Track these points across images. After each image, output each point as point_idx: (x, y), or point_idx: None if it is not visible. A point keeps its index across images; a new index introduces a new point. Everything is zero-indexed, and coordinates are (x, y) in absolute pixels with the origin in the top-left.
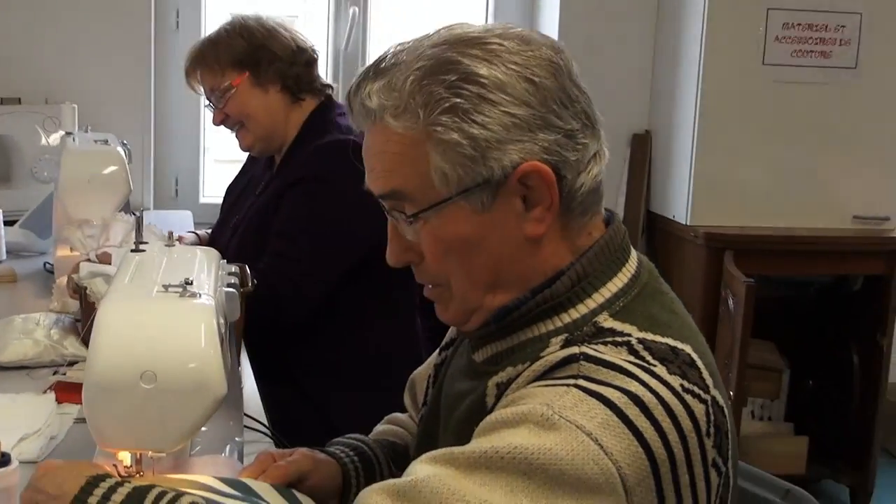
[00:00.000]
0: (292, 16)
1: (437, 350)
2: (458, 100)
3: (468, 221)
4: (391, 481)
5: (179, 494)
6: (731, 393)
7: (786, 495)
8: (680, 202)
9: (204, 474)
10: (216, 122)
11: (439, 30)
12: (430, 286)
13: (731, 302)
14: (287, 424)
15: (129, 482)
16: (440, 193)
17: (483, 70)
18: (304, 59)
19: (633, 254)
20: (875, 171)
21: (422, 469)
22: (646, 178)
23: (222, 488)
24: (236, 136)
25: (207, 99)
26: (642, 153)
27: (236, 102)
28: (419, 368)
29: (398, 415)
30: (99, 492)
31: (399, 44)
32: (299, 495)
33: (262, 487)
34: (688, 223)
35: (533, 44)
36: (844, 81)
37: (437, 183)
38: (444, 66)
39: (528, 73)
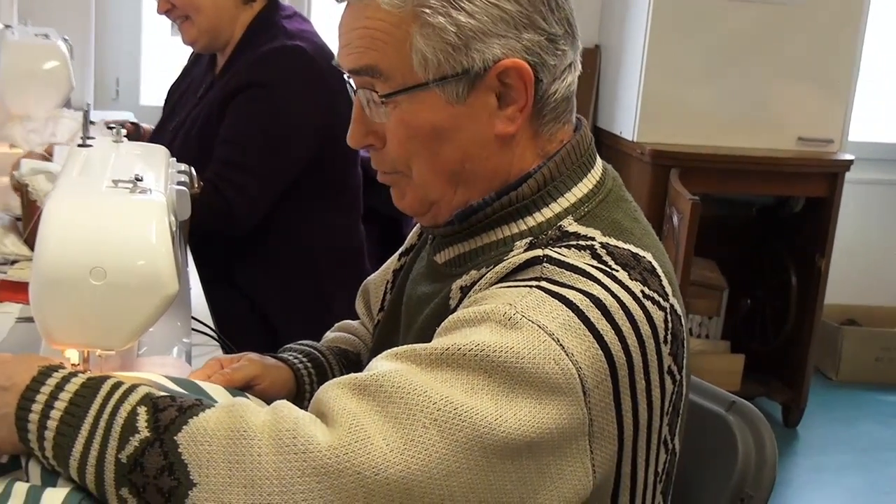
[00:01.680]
0: None
1: (396, 255)
2: None
3: (440, 111)
4: (352, 375)
5: (135, 385)
6: None
7: (730, 407)
8: (627, 119)
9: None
10: (161, 11)
11: None
12: (385, 172)
13: (675, 219)
14: (229, 326)
15: (84, 373)
16: (417, 77)
17: None
18: None
19: (599, 161)
20: (821, 93)
21: (383, 365)
22: (594, 94)
23: (172, 387)
24: (179, 29)
25: None
26: (591, 68)
27: None
28: (373, 275)
29: (350, 322)
30: (52, 381)
31: None
32: (252, 398)
33: (212, 388)
34: (634, 140)
35: None
36: (795, 3)
37: (416, 66)
38: None
39: None
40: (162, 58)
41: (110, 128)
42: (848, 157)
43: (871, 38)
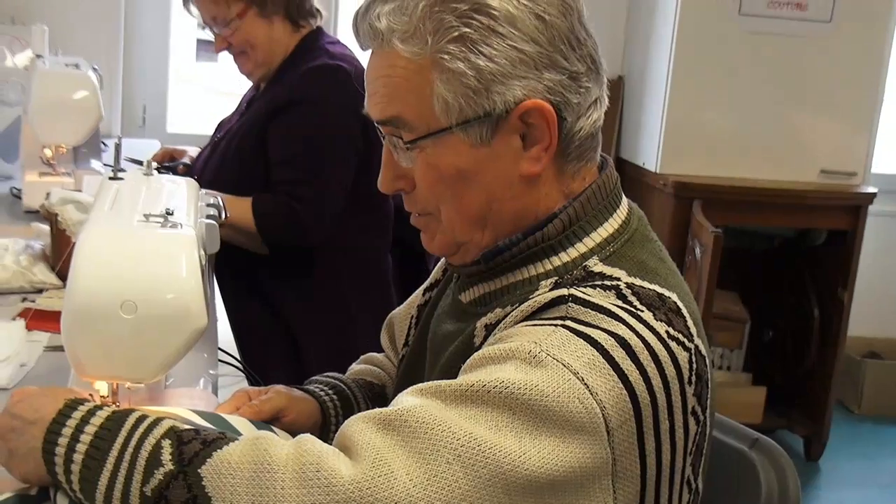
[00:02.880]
0: None
1: (421, 290)
2: (468, 29)
3: (465, 154)
4: (377, 410)
5: (159, 418)
6: None
7: (753, 444)
8: (650, 150)
9: (181, 406)
10: (218, 50)
11: None
12: (418, 214)
13: (697, 251)
14: (254, 341)
15: (108, 406)
16: (440, 122)
17: (495, 2)
18: None
19: (625, 200)
20: (844, 126)
21: (408, 400)
22: (617, 125)
23: (197, 420)
24: (236, 61)
25: (207, 26)
26: (614, 99)
27: (242, 33)
28: (398, 309)
29: (375, 355)
30: (77, 415)
31: None
32: (278, 431)
33: (238, 421)
34: (657, 171)
35: None
36: (818, 34)
37: (438, 112)
38: None
39: (539, 9)
40: (189, 86)
41: (164, 169)
42: (871, 189)
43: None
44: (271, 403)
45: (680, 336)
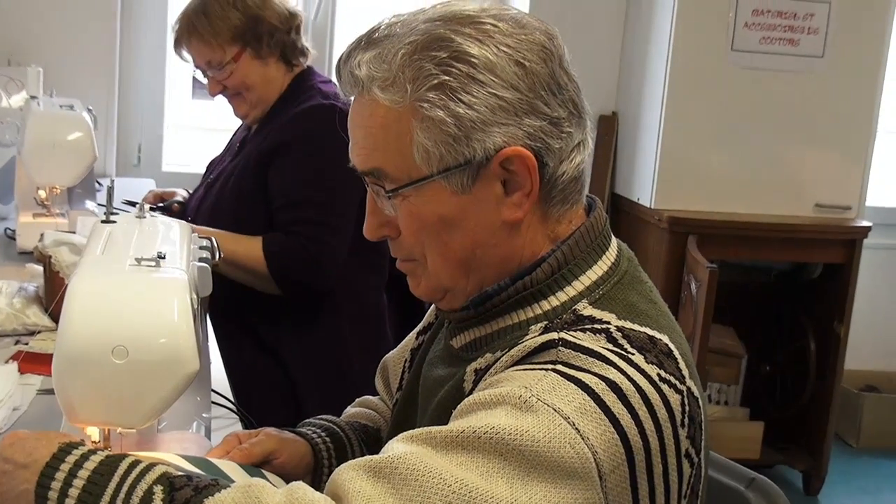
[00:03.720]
0: None
1: (414, 334)
2: (447, 77)
3: (447, 201)
4: (367, 458)
5: (152, 464)
6: None
7: (750, 483)
8: (645, 185)
9: (172, 450)
10: (213, 93)
11: (435, 5)
12: (404, 260)
13: (693, 286)
14: (249, 382)
15: (102, 451)
16: (421, 171)
17: (474, 50)
18: (295, 24)
19: (614, 241)
20: (838, 160)
21: (399, 447)
22: (611, 160)
23: (188, 466)
24: (231, 104)
25: (200, 70)
26: (609, 135)
27: (238, 76)
28: (392, 353)
29: (370, 398)
30: (72, 459)
31: (394, 15)
32: (268, 474)
33: (228, 466)
34: (652, 206)
35: (527, 27)
36: (812, 70)
37: (419, 160)
38: (435, 42)
39: (519, 56)
40: (185, 124)
41: (155, 208)
42: (865, 223)
43: (888, 103)
44: (261, 447)
45: (671, 378)
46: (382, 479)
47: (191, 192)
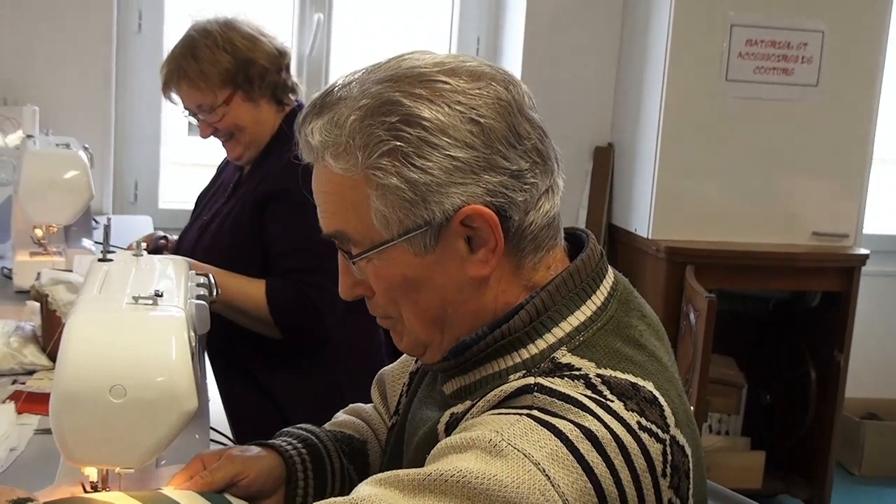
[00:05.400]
0: None
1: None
2: (399, 143)
3: (411, 263)
4: (332, 500)
5: None
6: (692, 408)
7: None
8: (642, 216)
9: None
10: (205, 136)
11: (391, 59)
12: (382, 318)
13: (692, 316)
14: (245, 419)
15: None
16: (381, 235)
17: (425, 112)
18: (285, 63)
19: (608, 280)
20: (835, 188)
21: (365, 490)
22: (608, 192)
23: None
24: (224, 147)
25: (190, 112)
26: (604, 166)
27: (230, 118)
28: (390, 367)
29: (362, 406)
30: None
31: (351, 72)
32: (232, 499)
33: (186, 497)
34: (649, 237)
35: (483, 79)
36: (806, 99)
37: (378, 225)
38: (385, 106)
39: (472, 113)
40: (180, 161)
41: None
42: (863, 251)
43: (883, 130)
44: (222, 472)
45: (653, 427)
46: None
47: (178, 233)
